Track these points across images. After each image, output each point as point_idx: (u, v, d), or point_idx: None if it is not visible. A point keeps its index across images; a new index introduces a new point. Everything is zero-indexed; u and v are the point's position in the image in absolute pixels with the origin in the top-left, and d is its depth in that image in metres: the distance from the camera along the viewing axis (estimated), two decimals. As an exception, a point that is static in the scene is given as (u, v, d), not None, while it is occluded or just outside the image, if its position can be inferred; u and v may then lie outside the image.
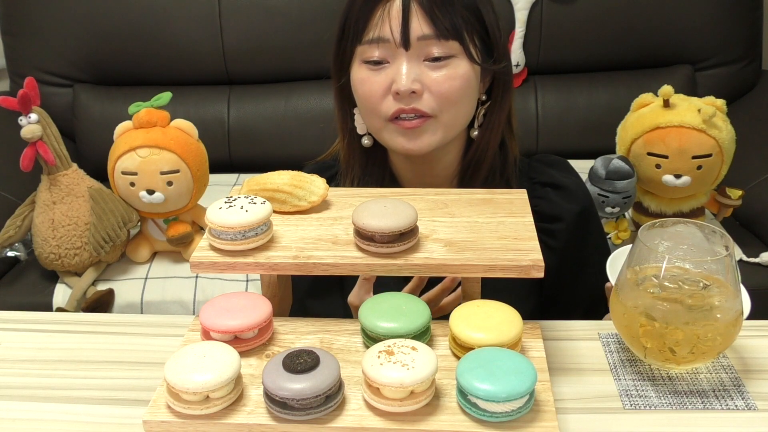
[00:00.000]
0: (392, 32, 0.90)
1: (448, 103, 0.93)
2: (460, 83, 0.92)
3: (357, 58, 0.95)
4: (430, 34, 0.90)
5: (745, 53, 2.17)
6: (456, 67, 0.92)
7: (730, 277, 0.72)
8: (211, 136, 2.02)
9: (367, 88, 0.94)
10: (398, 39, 0.90)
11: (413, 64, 0.91)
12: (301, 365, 0.64)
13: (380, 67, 0.93)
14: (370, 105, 0.95)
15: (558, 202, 1.02)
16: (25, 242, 1.73)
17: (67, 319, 0.92)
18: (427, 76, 0.92)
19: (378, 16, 0.91)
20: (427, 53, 0.91)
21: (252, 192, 0.84)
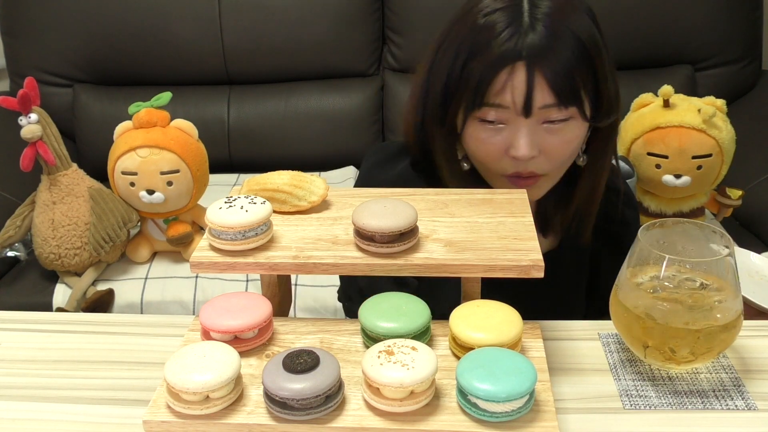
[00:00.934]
0: (515, 102, 0.88)
1: (561, 164, 0.95)
2: (574, 145, 0.93)
3: (471, 114, 0.92)
4: (552, 104, 0.88)
5: (745, 53, 2.17)
6: (572, 129, 0.92)
7: (730, 277, 0.72)
8: (211, 136, 2.02)
9: (482, 148, 0.93)
10: (520, 109, 0.89)
11: (532, 130, 0.90)
12: (301, 365, 0.64)
13: (496, 127, 0.91)
14: (485, 162, 0.94)
15: (619, 205, 1.04)
16: (25, 242, 1.73)
17: (67, 319, 0.92)
18: (544, 140, 0.91)
19: (501, 83, 0.88)
20: (545, 118, 0.90)
21: (252, 192, 0.84)
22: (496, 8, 0.90)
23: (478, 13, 0.91)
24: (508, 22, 0.88)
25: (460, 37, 0.91)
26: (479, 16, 0.90)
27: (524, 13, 0.88)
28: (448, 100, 0.93)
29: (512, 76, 0.87)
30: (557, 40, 0.87)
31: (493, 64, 0.88)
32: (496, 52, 0.87)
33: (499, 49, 0.87)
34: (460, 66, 0.90)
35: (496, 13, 0.89)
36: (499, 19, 0.89)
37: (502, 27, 0.88)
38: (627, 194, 1.07)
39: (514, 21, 0.88)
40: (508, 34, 0.87)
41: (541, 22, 0.88)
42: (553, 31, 0.87)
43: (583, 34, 0.89)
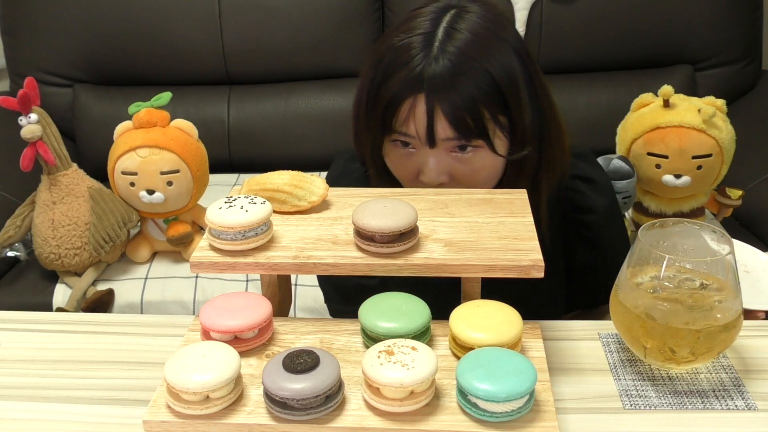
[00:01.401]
0: (417, 133, 0.89)
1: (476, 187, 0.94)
2: (485, 173, 0.94)
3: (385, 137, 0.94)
4: (453, 137, 0.89)
5: (745, 53, 2.17)
6: (481, 159, 0.92)
7: (730, 277, 0.72)
8: (211, 136, 2.02)
9: (396, 169, 0.95)
10: (423, 140, 0.90)
11: (440, 158, 0.91)
12: (301, 365, 0.64)
13: (408, 151, 0.93)
14: (402, 181, 0.97)
15: (588, 194, 1.04)
16: (25, 242, 1.73)
17: (67, 319, 0.92)
18: (454, 168, 0.92)
19: (404, 114, 0.89)
20: (452, 146, 0.91)
21: (252, 192, 0.84)
22: (415, 32, 0.90)
23: (401, 33, 0.91)
24: (420, 50, 0.89)
25: (380, 54, 0.92)
26: (399, 38, 0.91)
27: (435, 44, 0.89)
28: (368, 119, 0.94)
29: (414, 107, 0.88)
30: (461, 74, 0.87)
31: (397, 94, 0.89)
32: (402, 79, 0.88)
33: (405, 76, 0.88)
34: (375, 88, 0.92)
35: (414, 37, 0.90)
36: (413, 44, 0.89)
37: (414, 54, 0.89)
38: (599, 183, 1.06)
39: (424, 50, 0.88)
40: (416, 62, 0.88)
41: (449, 55, 0.88)
42: (459, 66, 0.87)
43: (498, 72, 0.89)
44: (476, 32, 0.90)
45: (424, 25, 0.91)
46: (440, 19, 0.91)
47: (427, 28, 0.90)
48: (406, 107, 0.89)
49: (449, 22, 0.90)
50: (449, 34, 0.89)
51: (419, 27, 0.91)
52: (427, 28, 0.90)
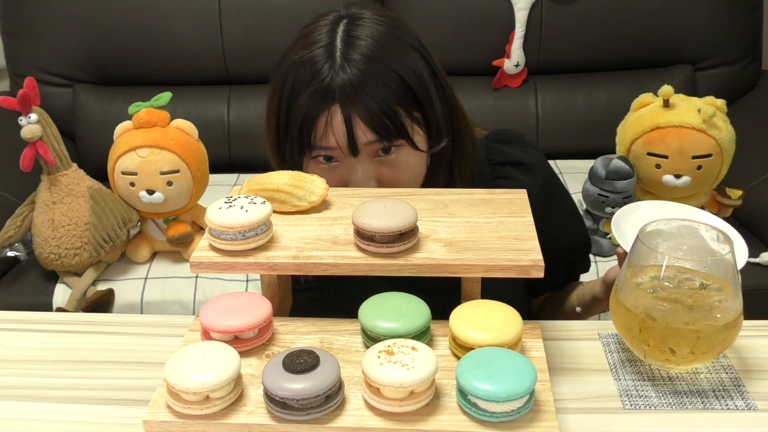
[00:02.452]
0: (338, 143, 0.89)
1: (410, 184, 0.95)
2: (411, 172, 0.94)
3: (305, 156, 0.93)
4: (374, 140, 0.90)
5: (745, 53, 2.17)
6: (404, 158, 0.93)
7: (730, 277, 0.72)
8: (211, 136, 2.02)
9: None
10: (345, 150, 0.90)
11: (365, 165, 0.91)
12: (301, 365, 0.64)
13: (331, 165, 0.93)
14: None
15: (520, 178, 1.03)
16: (25, 242, 1.73)
17: (67, 319, 0.92)
18: (381, 172, 0.93)
19: (321, 128, 0.89)
20: (375, 151, 0.91)
21: (252, 192, 0.84)
22: (315, 46, 0.90)
23: (301, 49, 0.91)
24: (324, 62, 0.89)
25: (283, 75, 0.92)
26: (301, 53, 0.91)
27: (336, 54, 0.89)
28: (281, 142, 0.94)
29: (330, 119, 0.88)
30: (370, 79, 0.88)
31: (312, 107, 0.89)
32: (313, 93, 0.88)
33: (316, 90, 0.88)
34: (285, 108, 0.91)
35: (315, 51, 0.90)
36: (317, 58, 0.90)
37: (319, 67, 0.89)
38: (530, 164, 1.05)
39: (328, 61, 0.89)
40: (323, 74, 0.88)
41: (354, 62, 0.88)
42: (367, 70, 0.88)
43: (403, 70, 0.90)
44: (374, 36, 0.91)
45: (321, 39, 0.91)
46: (335, 30, 0.92)
47: (324, 41, 0.91)
48: (322, 122, 0.89)
49: (345, 31, 0.91)
50: (348, 43, 0.90)
51: (316, 41, 0.91)
52: (324, 40, 0.91)
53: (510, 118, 2.14)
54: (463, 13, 2.12)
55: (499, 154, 1.06)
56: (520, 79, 2.17)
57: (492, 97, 2.17)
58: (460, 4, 2.12)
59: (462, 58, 2.16)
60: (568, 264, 1.09)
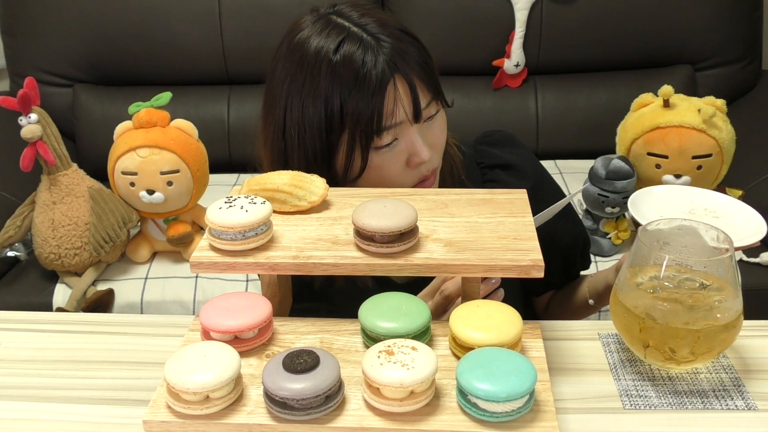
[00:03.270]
0: (407, 113, 0.91)
1: (442, 151, 0.98)
2: (446, 134, 0.98)
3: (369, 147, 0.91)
4: (431, 99, 0.92)
5: (745, 53, 2.17)
6: (441, 117, 0.96)
7: (730, 277, 0.72)
8: (211, 136, 2.01)
9: (385, 171, 0.94)
10: (412, 116, 0.91)
11: (422, 132, 0.93)
12: (301, 365, 0.64)
13: (391, 147, 0.93)
14: (388, 183, 0.94)
15: (509, 181, 1.04)
16: (25, 242, 1.73)
17: (67, 319, 0.92)
18: (428, 136, 0.94)
19: (390, 104, 0.89)
20: (426, 116, 0.93)
21: (252, 192, 0.84)
22: (337, 43, 0.90)
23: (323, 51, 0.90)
24: (360, 49, 0.89)
25: (318, 79, 0.90)
26: (329, 55, 0.90)
27: (363, 36, 0.90)
28: (332, 142, 0.92)
29: (397, 92, 0.89)
30: (401, 41, 0.91)
31: (377, 90, 0.89)
32: (371, 78, 0.88)
33: (372, 75, 0.88)
34: (338, 107, 0.90)
35: (343, 46, 0.90)
36: (350, 52, 0.89)
37: (360, 56, 0.89)
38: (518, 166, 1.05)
39: (363, 45, 0.89)
40: (370, 58, 0.89)
41: (380, 34, 0.90)
42: (394, 36, 0.91)
43: (405, 27, 0.94)
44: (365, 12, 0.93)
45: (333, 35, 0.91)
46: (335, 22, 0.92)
47: (338, 34, 0.91)
48: (390, 99, 0.89)
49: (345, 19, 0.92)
50: (359, 24, 0.91)
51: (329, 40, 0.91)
52: (337, 34, 0.91)
53: (510, 118, 2.14)
54: (463, 13, 2.12)
55: (487, 156, 1.07)
56: (520, 79, 2.17)
57: (492, 97, 2.17)
58: (460, 4, 2.12)
59: (462, 58, 2.16)
60: (566, 263, 1.09)
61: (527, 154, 1.08)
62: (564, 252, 1.07)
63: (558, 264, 1.08)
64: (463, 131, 1.10)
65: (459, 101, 2.13)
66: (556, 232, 1.04)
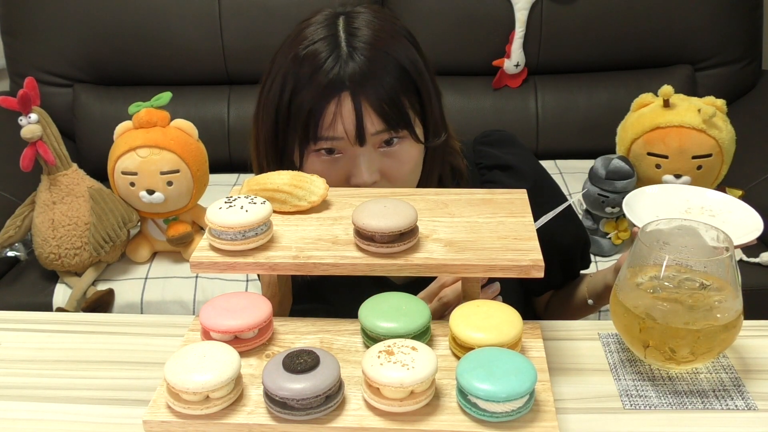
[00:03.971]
0: (346, 132, 0.89)
1: (403, 183, 0.95)
2: (410, 166, 0.95)
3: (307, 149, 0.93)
4: (382, 129, 0.90)
5: (745, 53, 2.17)
6: (407, 150, 0.93)
7: (730, 277, 0.72)
8: (211, 136, 2.02)
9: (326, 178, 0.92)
10: (353, 138, 0.89)
11: (369, 156, 0.91)
12: (301, 365, 0.64)
13: (333, 157, 0.92)
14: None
15: (507, 182, 1.03)
16: (25, 242, 1.73)
17: (67, 319, 0.92)
18: (383, 164, 0.92)
19: (330, 115, 0.89)
20: (379, 142, 0.91)
21: (252, 192, 0.84)
22: (315, 39, 0.90)
23: (299, 44, 0.91)
24: (329, 53, 0.89)
25: (283, 69, 0.92)
26: (300, 47, 0.91)
27: (341, 44, 0.89)
28: (280, 137, 0.93)
29: (340, 107, 0.88)
30: (378, 67, 0.89)
31: (319, 98, 0.88)
32: (320, 84, 0.88)
33: (323, 81, 0.88)
34: (287, 101, 0.91)
35: (317, 44, 0.90)
36: (319, 50, 0.89)
37: (324, 58, 0.89)
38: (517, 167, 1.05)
39: (334, 51, 0.89)
40: (330, 65, 0.88)
41: (360, 51, 0.89)
42: (374, 59, 0.89)
43: (404, 60, 0.91)
44: (374, 27, 0.92)
45: (320, 32, 0.91)
46: (335, 23, 0.92)
47: (325, 33, 0.91)
48: (330, 111, 0.89)
49: (346, 23, 0.92)
50: (351, 33, 0.90)
51: (316, 34, 0.91)
52: (325, 33, 0.91)
53: (510, 118, 2.14)
54: (463, 13, 2.12)
55: (486, 157, 1.06)
56: (520, 79, 2.17)
57: (492, 97, 2.17)
58: (460, 4, 2.12)
59: (462, 58, 2.16)
60: (565, 263, 1.09)
61: (526, 155, 1.08)
62: (564, 252, 1.07)
63: (558, 264, 1.07)
64: (463, 131, 1.10)
65: (459, 101, 2.13)
66: (557, 232, 1.04)
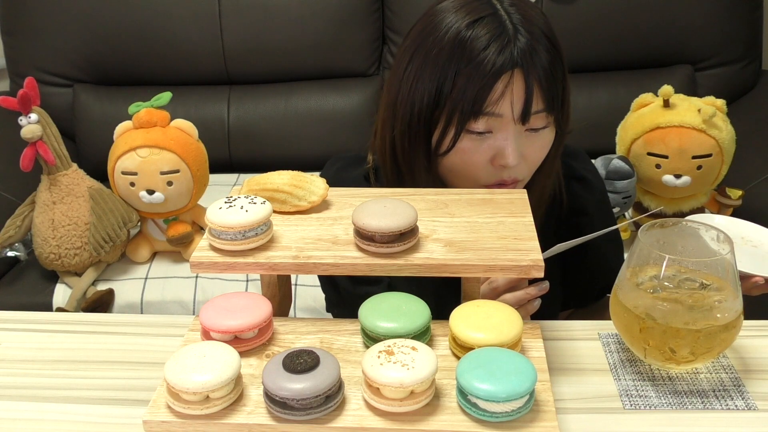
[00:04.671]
0: (513, 110, 0.88)
1: (535, 168, 0.95)
2: (546, 150, 0.94)
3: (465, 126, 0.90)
4: (542, 109, 0.89)
5: (745, 53, 2.17)
6: (548, 135, 0.92)
7: (730, 277, 0.72)
8: (211, 136, 2.02)
9: (468, 158, 0.92)
10: (518, 116, 0.88)
11: (519, 137, 0.90)
12: (301, 365, 0.64)
13: (483, 137, 0.90)
14: (468, 173, 0.93)
15: (581, 194, 1.04)
16: (25, 242, 1.73)
17: (67, 319, 0.92)
18: (525, 147, 0.91)
19: (499, 92, 0.87)
20: (532, 125, 0.90)
21: (252, 192, 0.84)
22: (475, 19, 0.89)
23: (454, 25, 0.89)
24: (496, 32, 0.87)
25: (441, 50, 0.89)
26: (459, 28, 0.89)
27: (506, 21, 0.88)
28: (436, 116, 0.91)
29: (511, 84, 0.87)
30: (539, 43, 0.88)
31: (491, 74, 0.87)
32: (491, 61, 0.87)
33: (494, 58, 0.87)
34: (451, 80, 0.89)
35: (478, 23, 0.88)
36: (484, 30, 0.88)
37: (490, 37, 0.87)
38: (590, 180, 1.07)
39: (500, 29, 0.88)
40: (500, 43, 0.87)
41: (525, 30, 0.88)
42: (536, 40, 0.88)
43: (551, 34, 0.90)
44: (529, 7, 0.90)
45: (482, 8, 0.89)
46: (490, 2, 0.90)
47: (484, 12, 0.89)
48: (500, 87, 0.87)
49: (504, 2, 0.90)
50: (511, 12, 0.89)
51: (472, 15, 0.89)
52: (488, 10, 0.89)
53: (510, 118, 2.14)
54: (463, 13, 2.12)
55: (563, 167, 1.06)
56: (520, 79, 2.17)
57: (492, 97, 2.17)
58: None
59: (462, 58, 2.16)
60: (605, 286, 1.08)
61: (596, 170, 1.10)
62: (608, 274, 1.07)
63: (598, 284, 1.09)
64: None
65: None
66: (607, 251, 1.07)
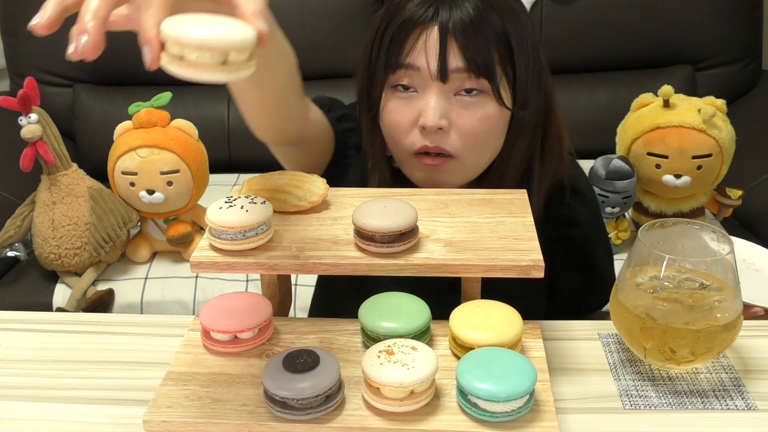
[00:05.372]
0: (428, 63, 0.86)
1: (473, 144, 0.90)
2: (487, 124, 0.89)
3: (387, 85, 0.91)
4: (463, 68, 0.86)
5: (745, 53, 2.18)
6: (485, 106, 0.88)
7: (730, 277, 0.72)
8: (211, 136, 2.02)
9: (393, 118, 0.90)
10: (434, 71, 0.86)
11: (443, 98, 0.87)
12: (301, 365, 0.64)
13: (409, 95, 0.89)
14: (396, 137, 0.92)
15: (575, 207, 1.03)
16: (25, 242, 1.73)
17: (67, 319, 0.92)
18: (456, 112, 0.88)
19: (412, 44, 0.87)
20: (458, 87, 0.88)
21: (252, 192, 0.84)
22: None
23: None
24: None
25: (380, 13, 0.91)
26: None
27: None
28: (370, 73, 0.91)
29: (426, 38, 0.86)
30: (475, 11, 0.85)
31: (406, 25, 0.86)
32: (411, 12, 0.86)
33: (414, 10, 0.86)
34: (380, 36, 0.89)
35: None
36: None
37: None
38: (584, 193, 1.05)
39: None
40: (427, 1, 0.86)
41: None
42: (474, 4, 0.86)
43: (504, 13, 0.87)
44: None
45: None
46: None
47: None
48: (414, 36, 0.86)
49: None
50: None
51: None
52: None
53: (510, 118, 2.14)
54: (463, 13, 2.12)
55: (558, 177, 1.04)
56: (520, 79, 2.17)
57: (492, 97, 2.17)
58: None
59: (462, 58, 2.16)
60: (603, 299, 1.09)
61: (590, 184, 1.09)
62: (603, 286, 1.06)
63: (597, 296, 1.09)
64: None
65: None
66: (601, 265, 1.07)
